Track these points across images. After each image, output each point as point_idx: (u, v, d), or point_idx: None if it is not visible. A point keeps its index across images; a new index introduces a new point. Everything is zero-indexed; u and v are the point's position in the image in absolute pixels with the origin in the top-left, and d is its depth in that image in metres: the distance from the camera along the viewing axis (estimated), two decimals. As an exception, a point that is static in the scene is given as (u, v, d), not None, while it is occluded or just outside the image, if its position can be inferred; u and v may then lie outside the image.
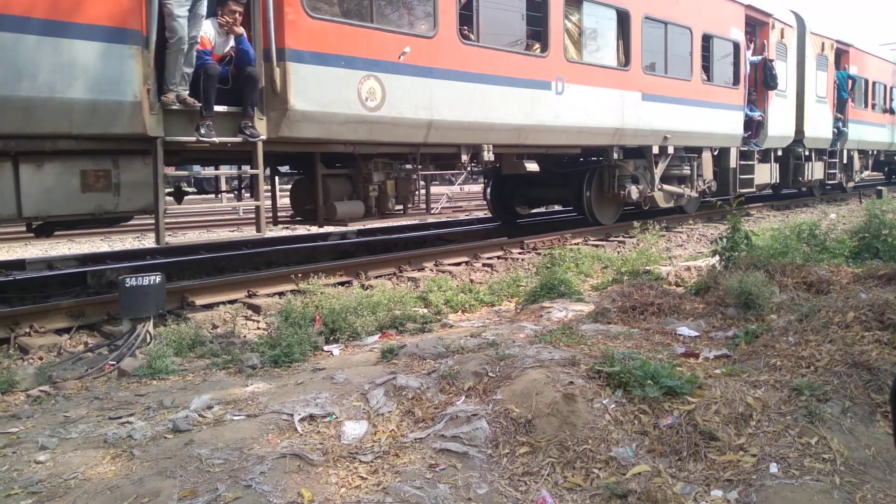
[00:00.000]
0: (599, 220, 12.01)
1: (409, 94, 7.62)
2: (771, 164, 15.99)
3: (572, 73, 9.97)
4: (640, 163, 11.99)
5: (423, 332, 5.65)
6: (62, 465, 3.12)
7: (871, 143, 21.22)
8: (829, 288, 5.37)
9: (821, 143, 17.58)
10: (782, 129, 15.51)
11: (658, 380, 3.45)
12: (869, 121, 20.60)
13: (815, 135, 16.98)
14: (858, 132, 19.57)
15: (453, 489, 2.91)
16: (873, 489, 2.83)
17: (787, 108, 15.72)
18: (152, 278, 5.21)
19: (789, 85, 15.78)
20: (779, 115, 15.28)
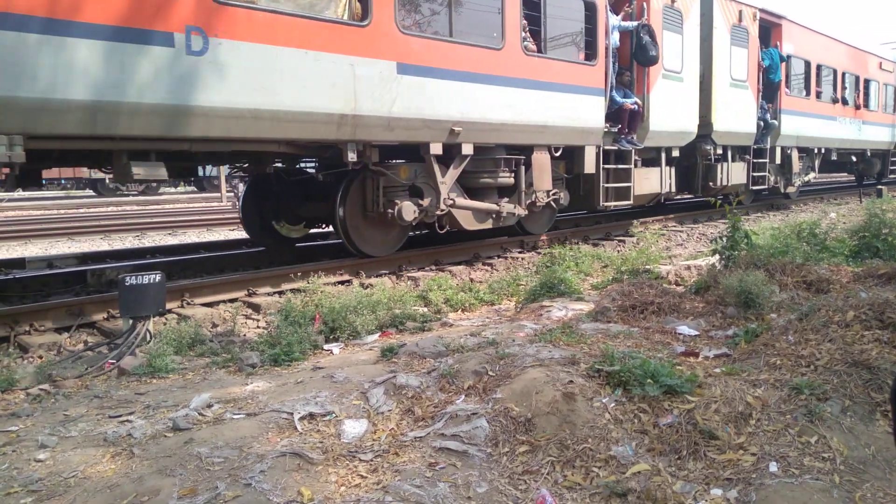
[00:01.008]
0: (363, 249, 8.40)
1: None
2: (662, 169, 12.13)
3: (230, 23, 6.14)
4: (420, 168, 8.47)
5: (422, 330, 5.65)
6: (62, 463, 3.12)
7: (816, 140, 17.47)
8: (829, 287, 5.37)
9: (740, 139, 14.09)
10: (675, 121, 11.97)
11: (658, 379, 3.45)
12: (813, 112, 16.96)
13: (730, 128, 13.48)
14: (797, 125, 16.07)
15: (453, 488, 2.91)
16: (873, 488, 2.83)
17: (683, 95, 12.12)
18: (152, 277, 5.21)
19: (687, 64, 12.16)
20: (668, 102, 11.67)
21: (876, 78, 21.15)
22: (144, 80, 5.67)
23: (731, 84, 13.67)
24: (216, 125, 6.20)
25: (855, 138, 19.73)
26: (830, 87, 18.32)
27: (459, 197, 8.86)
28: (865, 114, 20.22)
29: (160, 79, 5.75)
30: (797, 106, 16.29)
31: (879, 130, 21.40)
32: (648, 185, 11.89)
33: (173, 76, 5.82)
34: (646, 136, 11.33)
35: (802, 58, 16.66)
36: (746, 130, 14.19)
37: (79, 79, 5.34)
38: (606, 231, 12.01)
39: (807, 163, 17.90)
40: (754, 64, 14.48)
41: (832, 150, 18.90)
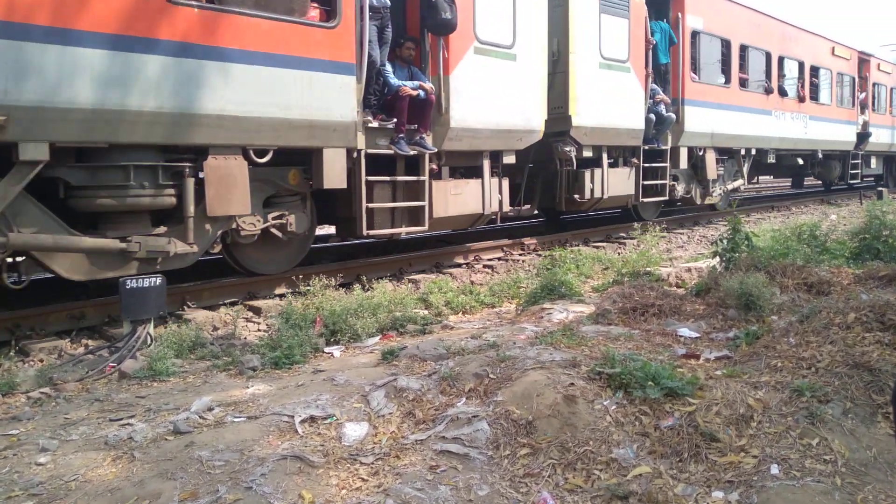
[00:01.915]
0: None
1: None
2: (485, 181, 8.84)
3: None
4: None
5: (423, 333, 5.65)
6: (63, 467, 3.12)
7: (741, 139, 14.25)
8: (829, 289, 5.37)
9: (619, 138, 10.92)
10: (501, 115, 8.65)
11: (659, 381, 3.45)
12: (734, 104, 13.71)
13: (600, 123, 10.37)
14: (709, 121, 12.87)
15: (454, 490, 2.91)
16: (875, 490, 2.83)
17: (516, 78, 8.86)
18: (153, 280, 5.21)
19: (524, 35, 8.91)
20: (487, 88, 8.46)
21: (827, 66, 17.91)
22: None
23: (603, 65, 10.45)
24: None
25: (799, 137, 16.49)
26: (762, 74, 14.85)
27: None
28: (814, 108, 17.05)
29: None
30: (710, 96, 12.94)
31: (834, 128, 18.29)
32: (460, 204, 8.56)
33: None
34: (446, 134, 8.00)
35: (718, 35, 13.24)
36: (628, 126, 10.90)
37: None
38: (607, 233, 12.01)
39: (731, 167, 14.65)
40: (639, 40, 11.10)
41: (768, 152, 15.58)
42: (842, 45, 19.04)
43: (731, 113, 13.78)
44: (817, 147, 17.78)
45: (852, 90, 19.49)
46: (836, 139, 18.62)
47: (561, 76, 10.05)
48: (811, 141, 17.31)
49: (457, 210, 8.61)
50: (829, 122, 18.03)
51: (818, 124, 17.41)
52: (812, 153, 17.99)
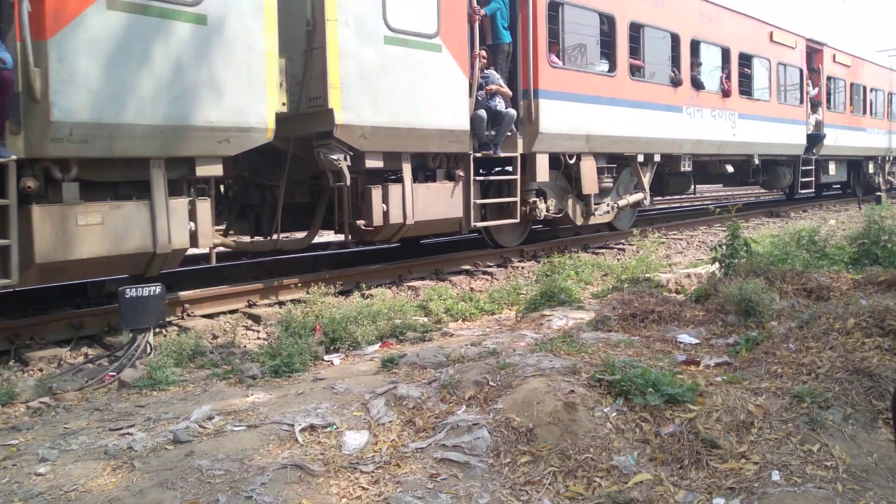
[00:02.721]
0: None
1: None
2: (155, 203, 5.87)
3: None
4: None
5: (423, 340, 5.64)
6: (62, 477, 3.11)
7: (633, 142, 11.30)
8: (829, 294, 5.37)
9: (429, 142, 8.06)
10: (173, 104, 5.80)
11: (659, 388, 3.45)
12: (619, 97, 10.83)
13: (392, 121, 7.56)
14: (579, 119, 10.07)
15: (454, 499, 2.90)
16: (876, 496, 2.83)
17: (209, 51, 6.04)
18: (152, 289, 5.21)
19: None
20: (132, 66, 5.56)
21: (764, 54, 14.80)
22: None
23: (392, 40, 7.50)
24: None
25: (724, 139, 13.46)
26: (666, 60, 11.99)
27: None
28: (745, 104, 14.12)
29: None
30: (582, 87, 10.07)
31: (775, 129, 15.24)
32: (99, 242, 5.54)
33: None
34: (48, 133, 5.11)
35: (594, 9, 10.38)
36: (442, 126, 8.04)
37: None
38: (606, 240, 12.02)
39: (628, 178, 11.87)
40: (457, 8, 8.24)
41: (681, 158, 12.61)
42: (784, 31, 15.68)
43: (617, 109, 10.74)
44: (752, 151, 14.60)
45: (800, 84, 16.35)
46: (778, 141, 15.39)
47: (318, 54, 6.94)
48: (743, 144, 14.09)
49: (92, 250, 5.50)
50: (767, 122, 14.87)
51: (752, 124, 14.26)
52: (746, 159, 14.81)
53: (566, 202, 10.67)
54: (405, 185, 7.97)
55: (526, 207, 9.72)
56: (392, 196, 7.83)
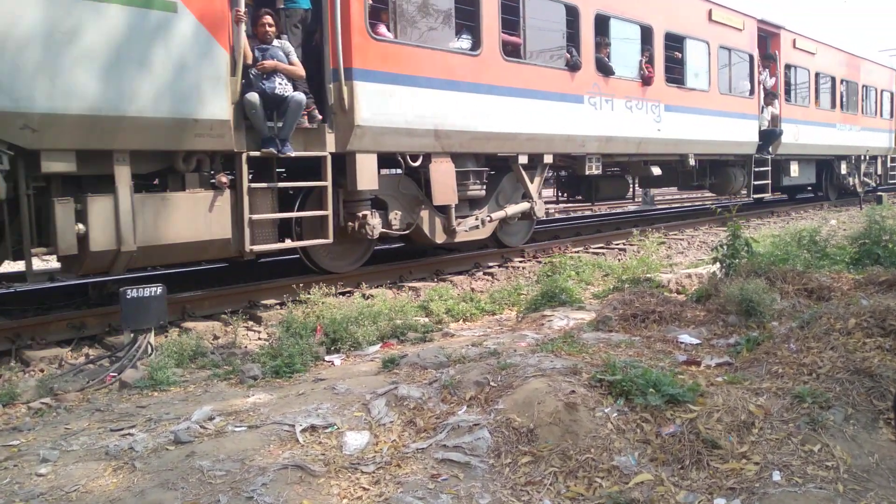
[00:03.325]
0: None
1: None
2: None
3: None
4: None
5: (424, 341, 5.65)
6: (63, 477, 3.12)
7: (504, 138, 9.04)
8: (830, 294, 5.37)
9: (158, 136, 5.91)
10: None
11: (660, 388, 3.45)
12: (487, 82, 8.60)
13: (78, 105, 5.37)
14: (427, 109, 7.94)
15: (455, 499, 2.90)
16: (877, 496, 2.82)
17: None
18: (153, 289, 5.21)
19: None
20: None
21: (700, 36, 12.50)
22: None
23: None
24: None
25: (646, 136, 11.30)
26: (555, 38, 9.62)
27: None
28: (675, 95, 11.91)
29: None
30: (424, 67, 7.81)
31: (720, 124, 13.04)
32: None
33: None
34: None
35: None
36: (177, 114, 5.90)
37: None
38: (607, 240, 12.02)
39: (510, 184, 9.76)
40: None
41: (585, 158, 10.38)
42: (727, 9, 13.30)
43: (483, 98, 8.46)
44: (685, 150, 12.34)
45: (750, 73, 14.07)
46: (722, 139, 13.16)
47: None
48: (672, 142, 11.91)
49: None
50: (706, 116, 12.63)
51: (684, 118, 12.07)
52: (679, 159, 12.50)
53: (418, 215, 8.41)
54: (119, 197, 5.71)
55: (354, 223, 7.60)
56: (94, 212, 5.60)
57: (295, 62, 6.79)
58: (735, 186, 14.52)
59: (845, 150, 18.63)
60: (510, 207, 9.64)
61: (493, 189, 9.57)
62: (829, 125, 17.51)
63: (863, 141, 19.51)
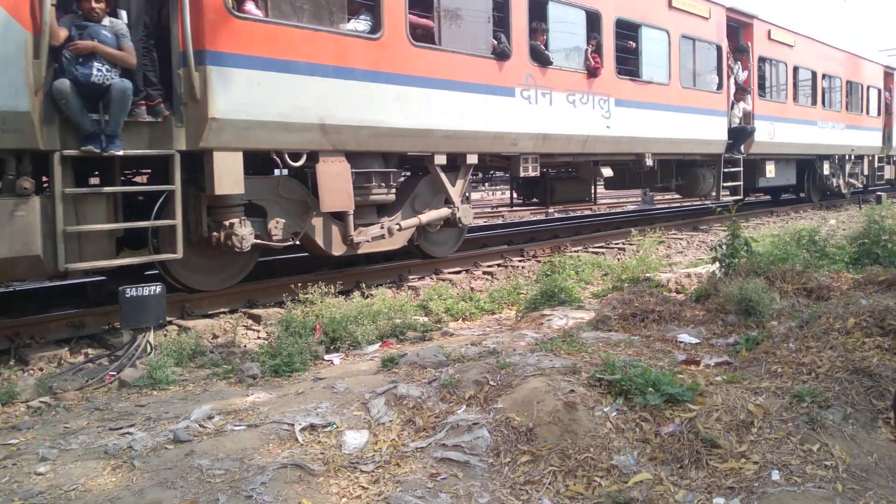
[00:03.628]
0: None
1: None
2: None
3: None
4: None
5: (423, 340, 5.65)
6: (62, 476, 3.11)
7: (407, 135, 7.79)
8: (829, 294, 5.37)
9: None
10: None
11: (659, 387, 3.45)
12: (380, 69, 7.37)
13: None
14: (307, 97, 6.71)
15: (455, 498, 2.90)
16: (876, 496, 2.83)
17: None
18: (153, 289, 5.21)
19: None
20: None
21: (656, 23, 11.32)
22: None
23: None
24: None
25: (593, 133, 10.03)
26: (478, 21, 8.48)
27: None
28: (625, 88, 10.61)
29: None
30: (301, 51, 6.66)
31: (683, 121, 11.87)
32: None
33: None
34: None
35: None
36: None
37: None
38: (606, 239, 12.02)
39: (426, 189, 8.55)
40: None
41: (521, 158, 9.21)
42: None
43: (386, 88, 7.31)
44: (641, 149, 11.16)
45: (718, 65, 12.92)
46: (684, 136, 11.98)
47: None
48: (625, 140, 10.70)
49: None
50: (665, 111, 11.44)
51: (639, 114, 10.88)
52: (635, 158, 11.33)
53: (307, 223, 7.25)
54: None
55: (219, 233, 6.48)
56: None
57: (126, 46, 5.57)
58: (704, 188, 13.30)
59: (828, 149, 17.49)
60: (427, 214, 8.37)
61: (408, 194, 8.36)
62: (810, 123, 16.40)
63: (847, 140, 18.37)
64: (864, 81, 19.32)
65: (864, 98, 19.41)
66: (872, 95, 20.03)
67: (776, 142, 14.82)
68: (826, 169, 17.85)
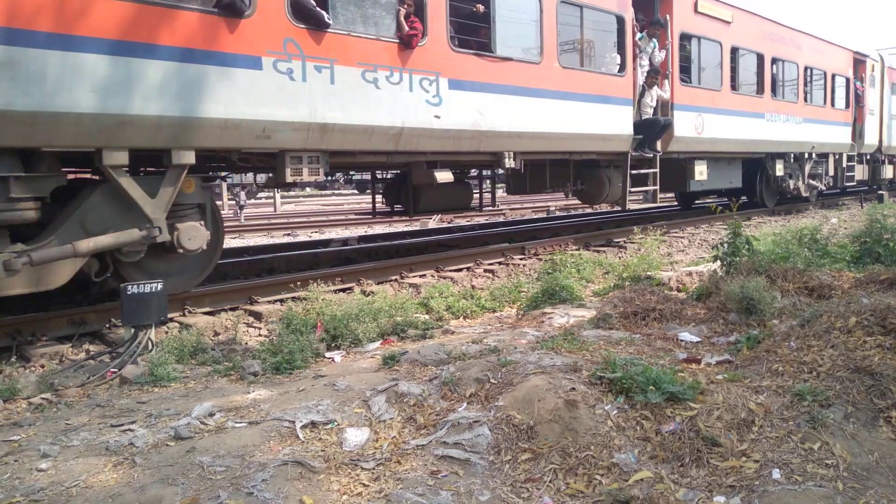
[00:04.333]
0: None
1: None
2: None
3: None
4: None
5: (424, 338, 5.65)
6: (64, 472, 3.12)
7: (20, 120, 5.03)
8: (830, 293, 5.37)
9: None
10: None
11: (660, 385, 3.45)
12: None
13: None
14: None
15: (455, 496, 2.90)
16: (876, 495, 2.83)
17: None
18: (154, 286, 5.22)
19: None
20: None
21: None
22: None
23: None
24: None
25: (415, 126, 7.60)
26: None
27: None
28: (468, 66, 8.15)
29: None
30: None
31: (565, 109, 9.40)
32: None
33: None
34: None
35: None
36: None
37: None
38: (607, 237, 12.02)
39: (106, 203, 5.91)
40: None
41: (289, 158, 6.83)
42: None
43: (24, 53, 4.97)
44: (497, 147, 8.67)
45: (620, 41, 10.40)
46: (566, 130, 9.48)
47: None
48: (466, 134, 8.18)
49: None
50: (534, 98, 8.93)
51: (485, 101, 8.27)
52: (492, 158, 8.88)
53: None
54: None
55: None
56: None
57: None
58: (611, 194, 10.90)
59: (780, 146, 14.79)
60: (97, 239, 5.69)
61: (71, 210, 5.81)
62: (755, 115, 13.63)
63: (807, 135, 15.63)
64: (827, 69, 16.63)
65: (829, 88, 16.76)
66: (839, 85, 17.32)
67: (706, 137, 12.14)
68: (779, 169, 15.24)
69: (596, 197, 11.15)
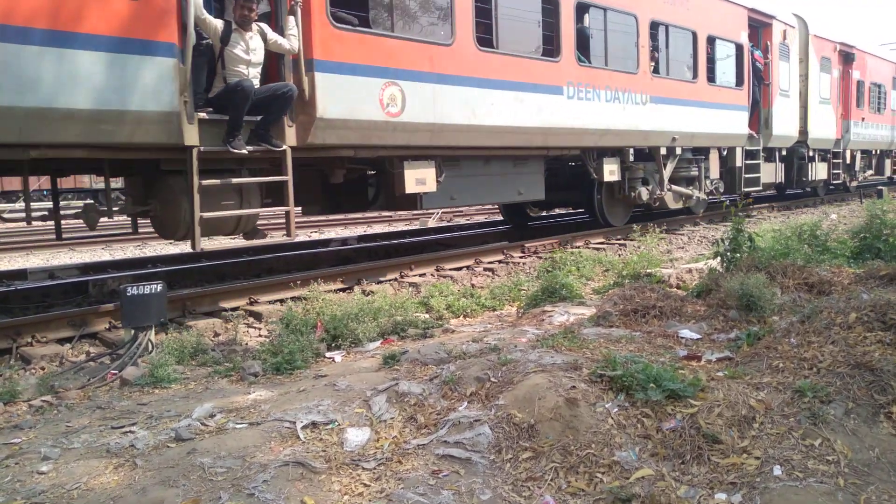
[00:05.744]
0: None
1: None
2: None
3: None
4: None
5: (424, 337, 5.64)
6: (65, 475, 3.12)
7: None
8: (830, 289, 5.36)
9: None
10: None
11: (660, 383, 3.45)
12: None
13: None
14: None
15: (457, 495, 2.90)
16: (878, 490, 2.82)
17: None
18: (154, 287, 5.21)
19: None
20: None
21: None
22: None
23: None
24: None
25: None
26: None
27: None
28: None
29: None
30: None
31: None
32: None
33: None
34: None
35: None
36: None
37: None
38: (607, 235, 12.01)
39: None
40: None
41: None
42: None
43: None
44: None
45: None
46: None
47: None
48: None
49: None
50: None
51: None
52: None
53: None
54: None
55: None
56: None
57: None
58: (184, 222, 6.42)
59: (605, 136, 10.16)
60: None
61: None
62: (541, 89, 8.93)
63: (659, 122, 11.08)
64: (699, 30, 11.75)
65: (705, 57, 12.00)
66: (723, 55, 12.54)
67: (412, 121, 7.41)
68: (609, 172, 10.69)
69: (165, 226, 6.75)
